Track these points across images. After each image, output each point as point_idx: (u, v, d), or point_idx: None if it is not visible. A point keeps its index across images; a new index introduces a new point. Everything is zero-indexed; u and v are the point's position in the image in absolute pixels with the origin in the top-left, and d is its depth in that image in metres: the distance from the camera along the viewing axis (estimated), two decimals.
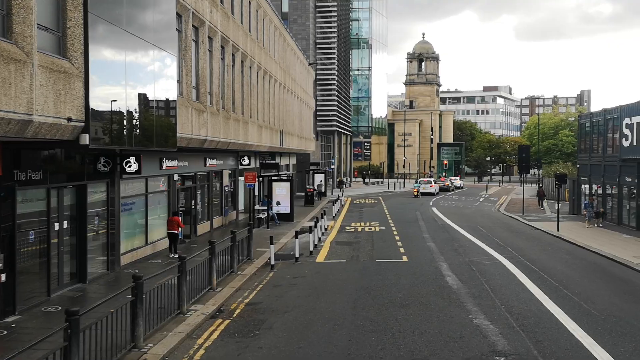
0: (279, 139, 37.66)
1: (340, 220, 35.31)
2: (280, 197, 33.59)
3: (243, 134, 27.02)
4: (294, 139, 45.28)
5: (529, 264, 19.89)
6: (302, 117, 51.05)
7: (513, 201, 55.01)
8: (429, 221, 34.56)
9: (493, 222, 35.09)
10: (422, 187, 60.14)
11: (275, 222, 31.91)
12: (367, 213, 40.00)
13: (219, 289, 15.59)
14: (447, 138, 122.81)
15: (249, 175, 28.22)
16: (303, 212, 39.97)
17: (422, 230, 29.59)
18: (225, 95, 24.23)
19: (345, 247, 23.89)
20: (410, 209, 43.89)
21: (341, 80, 73.25)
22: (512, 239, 26.89)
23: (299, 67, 48.88)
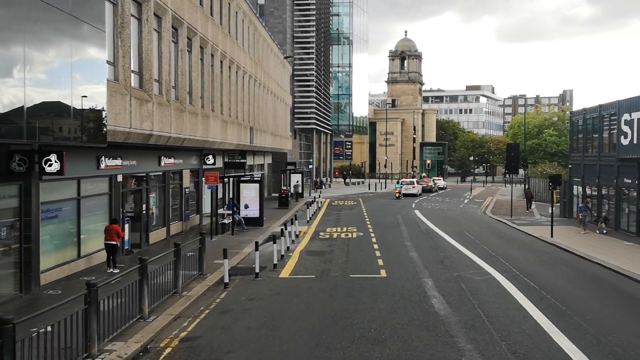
0: (249, 136, 34.65)
1: (315, 224, 32.39)
2: (248, 199, 30.60)
3: (203, 130, 23.98)
4: (267, 137, 42.27)
5: (526, 279, 17.14)
6: (277, 113, 48.07)
7: (499, 203, 52.54)
8: (411, 225, 31.78)
9: (480, 227, 32.42)
10: (404, 188, 57.46)
11: (242, 228, 28.92)
12: (345, 216, 37.14)
13: (151, 318, 12.58)
14: (429, 137, 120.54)
15: (210, 175, 25.18)
16: (276, 215, 37.01)
17: (403, 237, 26.79)
18: (179, 85, 21.19)
19: (317, 258, 20.97)
20: (391, 211, 41.12)
21: (320, 77, 70.39)
22: (503, 247, 24.18)
23: (273, 60, 45.89)
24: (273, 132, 45.60)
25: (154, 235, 23.55)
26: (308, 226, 31.44)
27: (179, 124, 20.75)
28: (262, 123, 40.19)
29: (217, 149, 31.10)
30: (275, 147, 46.30)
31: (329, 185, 73.60)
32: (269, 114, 43.80)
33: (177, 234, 26.45)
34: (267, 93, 42.57)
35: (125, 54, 15.88)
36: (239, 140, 31.62)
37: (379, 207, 45.16)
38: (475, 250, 22.68)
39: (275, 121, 47.03)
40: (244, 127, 33.07)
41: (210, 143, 25.40)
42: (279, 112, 49.03)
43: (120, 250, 20.22)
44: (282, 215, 37.52)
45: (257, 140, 37.62)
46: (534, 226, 32.99)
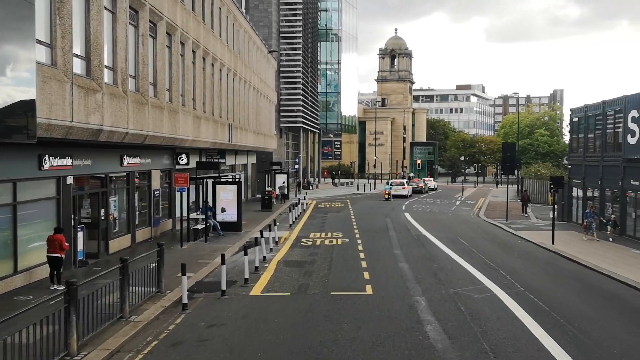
0: (227, 134, 32.24)
1: (298, 229, 30.05)
2: (225, 202, 28.21)
3: (170, 126, 21.56)
4: (249, 135, 39.88)
5: (533, 297, 14.90)
6: (260, 110, 45.67)
7: (492, 205, 50.44)
8: (401, 231, 29.52)
9: (475, 232, 30.21)
10: (394, 189, 55.23)
11: (217, 234, 26.53)
12: (331, 220, 34.82)
13: (81, 355, 10.19)
14: (420, 137, 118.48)
15: (180, 177, 22.76)
16: (257, 218, 34.63)
17: (392, 244, 24.50)
18: (140, 74, 18.76)
19: (295, 270, 18.62)
20: (380, 214, 38.86)
21: (308, 73, 68.04)
22: (502, 256, 21.97)
23: (256, 54, 43.49)
24: (256, 130, 43.20)
25: (116, 243, 21.11)
26: (290, 231, 29.11)
27: (139, 118, 18.32)
28: (242, 120, 37.79)
29: (192, 148, 28.69)
30: (258, 146, 43.91)
31: (316, 186, 71.30)
32: (251, 110, 41.41)
33: (145, 240, 24.04)
34: (248, 88, 40.18)
35: (65, 34, 13.45)
36: (215, 138, 29.21)
37: (368, 209, 42.91)
38: (471, 260, 20.44)
39: (259, 119, 44.64)
40: (221, 124, 30.66)
41: (180, 141, 22.98)
42: (262, 109, 46.64)
43: (73, 261, 17.82)
44: (264, 218, 35.15)
45: (237, 138, 35.23)
46: (532, 231, 30.84)
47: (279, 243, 24.74)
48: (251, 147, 41.32)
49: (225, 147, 32.59)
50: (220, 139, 30.40)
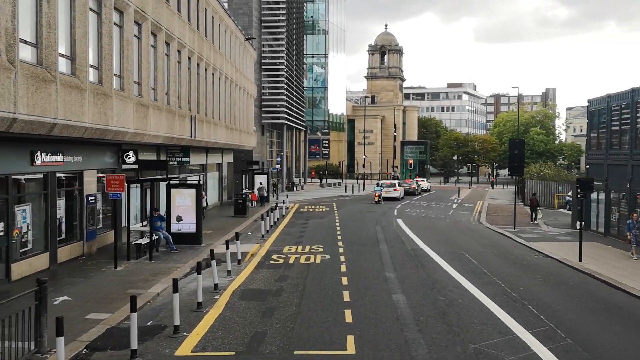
0: (189, 127, 27.34)
1: (271, 241, 25.23)
2: (181, 210, 23.34)
3: (96, 113, 16.66)
4: (220, 130, 34.97)
5: None
6: (236, 104, 40.78)
7: (492, 208, 45.87)
8: (393, 243, 24.75)
9: (481, 244, 25.49)
10: (385, 190, 50.49)
11: (169, 248, 21.66)
12: (312, 228, 30.02)
13: None
14: (411, 136, 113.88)
15: (113, 179, 17.87)
16: (226, 226, 29.77)
17: (384, 262, 19.72)
18: (42, 42, 13.85)
19: (253, 306, 13.78)
20: (369, 220, 34.09)
21: (292, 67, 63.18)
22: (524, 281, 17.27)
23: (230, 40, 38.58)
24: (230, 126, 38.32)
25: (24, 266, 16.21)
26: (261, 244, 24.27)
27: (40, 100, 13.42)
28: (211, 113, 32.88)
29: (145, 144, 23.82)
30: (232, 142, 39.00)
31: (301, 187, 66.46)
32: (223, 103, 36.51)
33: (74, 259, 19.14)
34: (219, 77, 35.28)
35: None
36: (171, 131, 24.30)
37: (355, 214, 38.13)
38: (487, 288, 15.72)
39: (233, 113, 39.75)
40: (180, 116, 25.75)
41: (114, 134, 18.06)
42: (238, 103, 41.75)
43: None
44: (234, 226, 30.30)
45: (203, 133, 30.32)
46: (546, 242, 26.21)
47: (242, 261, 19.90)
48: (223, 143, 36.42)
49: (187, 143, 27.68)
50: (179, 134, 25.49)
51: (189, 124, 27.34)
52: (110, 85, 17.72)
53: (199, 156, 35.76)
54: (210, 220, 33.28)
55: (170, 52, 24.65)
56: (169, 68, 24.57)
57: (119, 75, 18.93)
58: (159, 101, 22.86)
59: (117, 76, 18.71)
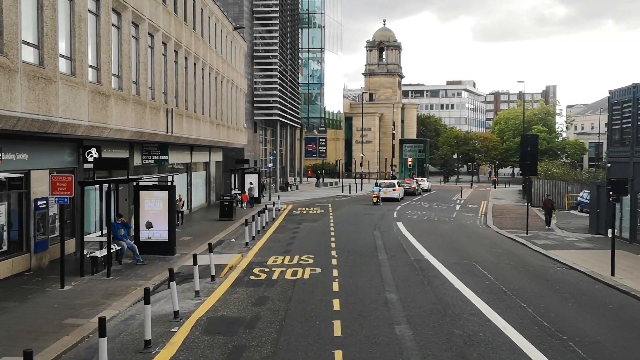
0: (165, 122, 24.34)
1: (255, 250, 22.26)
2: (152, 215, 20.37)
3: (32, 101, 13.67)
4: (204, 126, 31.98)
5: None
6: (223, 98, 37.78)
7: (497, 210, 42.96)
8: (394, 252, 21.78)
9: (493, 253, 22.52)
10: (383, 191, 47.54)
11: (136, 261, 18.67)
12: (304, 234, 27.07)
13: None
14: (410, 134, 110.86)
15: (60, 181, 14.89)
16: (209, 232, 26.83)
17: (383, 279, 16.73)
18: None
19: (218, 344, 10.80)
20: (366, 224, 31.14)
21: (286, 61, 60.18)
22: (553, 304, 14.32)
23: (216, 28, 35.57)
24: (216, 121, 35.33)
25: None
26: (243, 253, 21.30)
27: None
28: (193, 107, 29.89)
29: (113, 140, 20.88)
30: (218, 140, 36.01)
31: (296, 187, 63.47)
32: (208, 96, 33.51)
33: (19, 274, 16.19)
34: (204, 69, 32.30)
35: None
36: (140, 126, 21.30)
37: (352, 217, 35.16)
38: (512, 316, 12.76)
39: (220, 107, 36.76)
40: (152, 109, 22.75)
41: (60, 126, 15.06)
42: (226, 97, 38.76)
43: None
44: (218, 231, 27.36)
45: (182, 129, 27.33)
46: (566, 250, 23.27)
47: (218, 276, 16.93)
48: (208, 141, 33.43)
49: (163, 139, 24.69)
50: (151, 128, 22.49)
51: (165, 117, 24.34)
52: (54, 68, 14.70)
53: (181, 154, 32.81)
54: (193, 224, 30.33)
55: (139, 35, 21.63)
56: (138, 53, 21.55)
57: (68, 58, 15.92)
58: (125, 90, 19.85)
59: (65, 58, 15.70)
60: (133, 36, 20.98)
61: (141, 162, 26.45)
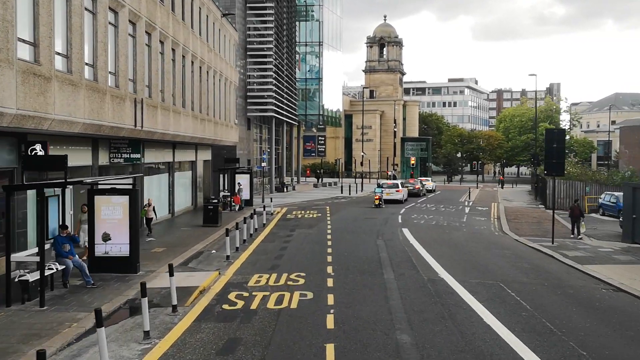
0: (134, 114, 20.80)
1: (238, 265, 18.75)
2: (109, 225, 16.84)
3: None
4: (186, 121, 28.45)
5: None
6: (210, 91, 34.25)
7: (511, 213, 39.41)
8: (402, 269, 18.22)
9: (520, 269, 18.93)
10: (386, 192, 43.99)
11: (86, 283, 15.14)
12: (296, 244, 23.53)
13: None
14: (411, 132, 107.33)
15: None
16: (188, 241, 23.32)
17: (392, 311, 13.13)
18: None
19: None
20: (368, 231, 27.60)
21: (282, 54, 56.64)
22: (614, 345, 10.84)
23: (201, 12, 32.00)
24: (200, 116, 31.81)
25: None
26: (222, 270, 17.76)
27: None
28: (171, 99, 26.36)
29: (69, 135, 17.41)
30: (203, 136, 32.47)
31: (293, 188, 59.91)
32: (190, 88, 29.99)
33: None
34: (186, 57, 28.77)
35: None
36: (99, 117, 17.76)
37: (352, 222, 31.62)
38: None
39: (205, 101, 33.23)
40: (115, 98, 19.20)
41: None
42: (214, 90, 35.23)
43: None
44: (200, 239, 23.89)
45: (157, 122, 23.79)
46: (604, 265, 19.71)
47: (183, 304, 13.40)
48: (191, 137, 29.89)
49: (129, 134, 21.13)
50: (113, 121, 18.94)
51: (132, 109, 20.78)
52: None
53: (161, 152, 29.32)
54: (172, 231, 26.86)
55: (97, 9, 18.07)
56: (96, 31, 18.00)
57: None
58: (75, 74, 16.29)
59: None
60: (88, 9, 17.43)
61: (109, 161, 22.93)
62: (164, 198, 31.46)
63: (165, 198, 31.56)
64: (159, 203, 30.47)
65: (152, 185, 29.13)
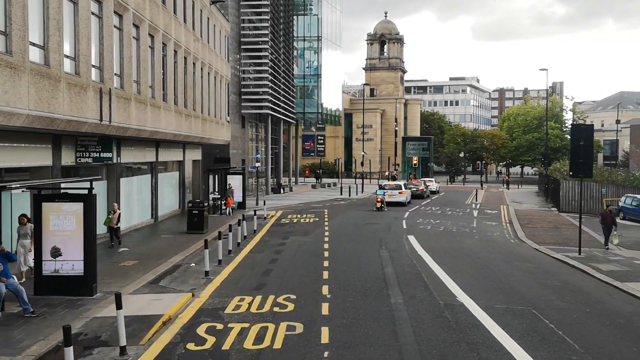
0: (99, 107, 17.90)
1: (217, 283, 15.88)
2: (60, 238, 13.96)
3: None
4: (167, 116, 25.56)
5: None
6: (197, 84, 31.39)
7: (523, 217, 36.49)
8: (412, 289, 15.32)
9: (552, 289, 15.96)
10: (389, 194, 41.08)
11: (24, 310, 12.27)
12: (288, 255, 20.65)
13: None
14: (413, 131, 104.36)
15: None
16: (165, 252, 20.48)
17: (402, 350, 10.24)
18: None
19: None
20: (370, 239, 24.71)
21: (279, 48, 53.77)
22: None
23: None
24: (186, 112, 28.96)
25: None
26: (197, 291, 14.88)
27: None
28: (149, 91, 23.48)
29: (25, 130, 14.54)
30: (189, 134, 29.61)
31: (290, 189, 57.00)
32: (173, 80, 27.12)
33: None
34: (167, 45, 25.90)
35: None
36: (50, 109, 14.87)
37: (352, 228, 28.74)
38: None
39: (192, 95, 30.39)
40: (72, 86, 16.31)
41: None
42: (200, 84, 32.37)
43: None
44: (180, 249, 21.03)
45: (131, 117, 20.91)
46: None
47: (138, 343, 10.52)
48: (174, 134, 27.01)
49: (92, 129, 18.24)
50: (69, 113, 16.06)
51: (97, 100, 17.89)
52: None
53: (141, 151, 26.49)
54: (151, 239, 24.01)
55: None
56: (47, 6, 15.08)
57: None
58: (16, 55, 13.41)
59: None
60: None
61: (75, 160, 20.07)
62: (146, 201, 28.62)
63: (147, 201, 28.72)
64: (140, 207, 27.65)
65: (131, 188, 26.28)
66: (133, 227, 26.31)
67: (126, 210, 25.23)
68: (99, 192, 23.36)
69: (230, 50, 44.05)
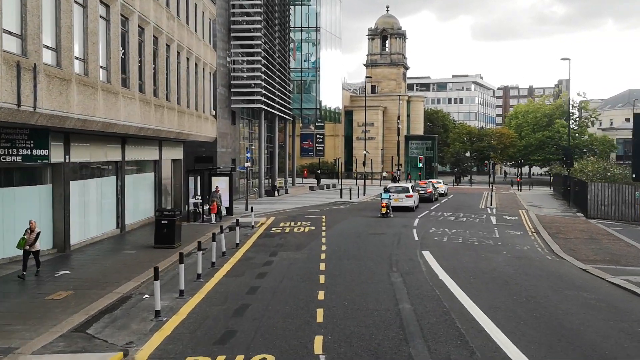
0: (17, 88, 13.31)
1: (171, 329, 11.34)
2: None
3: None
4: (129, 106, 20.94)
5: None
6: (170, 70, 26.81)
7: (548, 224, 31.89)
8: (441, 344, 10.73)
9: (634, 338, 11.49)
10: (396, 197, 36.45)
11: None
12: (274, 281, 16.07)
13: None
14: (416, 130, 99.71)
15: None
16: (117, 275, 15.97)
17: None
18: None
19: None
20: (376, 257, 20.10)
21: (273, 38, 49.18)
22: None
23: None
24: (157, 102, 24.41)
25: None
26: (133, 347, 10.30)
27: None
28: (101, 73, 18.90)
29: None
30: (161, 128, 25.04)
31: (285, 191, 52.38)
32: (139, 63, 22.53)
33: None
34: (130, 21, 21.32)
35: None
36: None
37: (354, 240, 24.14)
38: None
39: (168, 84, 25.86)
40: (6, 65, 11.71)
41: None
42: (177, 70, 27.81)
43: None
44: (136, 272, 16.46)
45: (72, 103, 16.31)
46: None
47: None
48: (138, 127, 22.38)
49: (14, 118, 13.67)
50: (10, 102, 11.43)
51: (14, 79, 13.30)
52: None
53: (102, 149, 21.99)
54: (106, 257, 19.48)
55: None
56: None
57: None
58: None
59: None
60: None
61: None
62: (110, 209, 24.11)
63: (111, 209, 24.20)
64: (99, 216, 23.10)
65: (87, 193, 21.76)
66: (90, 241, 21.78)
67: (78, 221, 20.69)
68: (40, 199, 18.82)
69: (219, 38, 39.52)
